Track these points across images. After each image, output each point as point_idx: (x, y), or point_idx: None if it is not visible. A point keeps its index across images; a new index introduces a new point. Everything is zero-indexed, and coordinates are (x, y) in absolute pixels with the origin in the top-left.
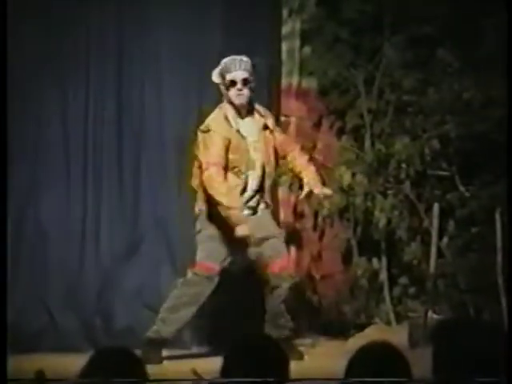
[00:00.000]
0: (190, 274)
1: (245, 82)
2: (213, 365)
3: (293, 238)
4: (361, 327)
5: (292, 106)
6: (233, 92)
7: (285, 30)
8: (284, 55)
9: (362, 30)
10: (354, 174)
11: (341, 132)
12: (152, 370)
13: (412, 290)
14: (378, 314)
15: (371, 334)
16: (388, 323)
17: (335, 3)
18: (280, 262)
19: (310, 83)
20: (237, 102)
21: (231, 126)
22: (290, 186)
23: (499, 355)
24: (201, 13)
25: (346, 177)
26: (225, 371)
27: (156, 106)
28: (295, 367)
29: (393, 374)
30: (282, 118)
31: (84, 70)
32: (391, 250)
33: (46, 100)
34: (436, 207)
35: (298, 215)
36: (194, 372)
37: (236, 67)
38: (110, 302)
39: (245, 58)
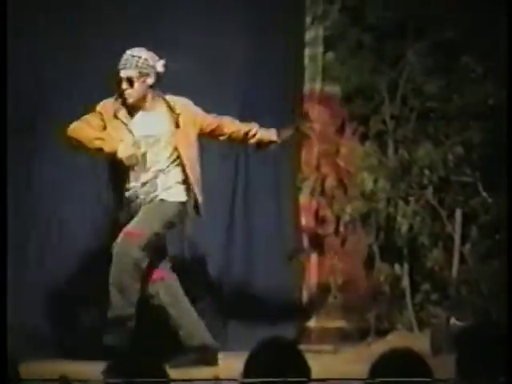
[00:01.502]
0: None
1: (129, 81)
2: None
3: (314, 243)
4: (383, 333)
5: (315, 112)
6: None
7: (308, 36)
8: (307, 61)
9: (385, 36)
10: (376, 180)
11: (364, 138)
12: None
13: (434, 297)
14: (400, 320)
15: (393, 340)
16: (410, 329)
17: (358, 10)
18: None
19: (333, 89)
20: (128, 100)
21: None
22: (312, 192)
23: None
24: (225, 16)
25: (368, 182)
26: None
27: None
28: (318, 372)
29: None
30: (305, 124)
31: None
32: (413, 256)
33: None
34: (459, 213)
35: (320, 220)
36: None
37: (121, 65)
38: None
39: (136, 53)
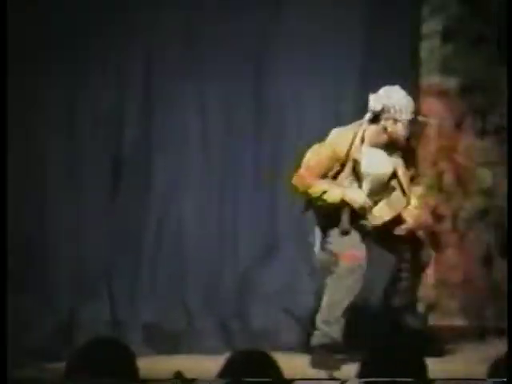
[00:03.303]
0: (339, 269)
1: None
2: None
3: (432, 240)
4: (502, 332)
5: (432, 106)
6: (399, 130)
7: (425, 28)
8: (424, 54)
9: (506, 27)
10: (495, 176)
11: (483, 132)
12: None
13: None
14: None
15: None
16: None
17: (478, 1)
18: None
19: (451, 82)
20: (402, 139)
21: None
22: (430, 188)
23: None
24: (341, 11)
25: (487, 178)
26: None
27: (294, 107)
28: (434, 369)
29: None
30: (421, 118)
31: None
32: None
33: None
34: None
35: (437, 217)
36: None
37: (408, 110)
38: (248, 304)
39: (410, 98)
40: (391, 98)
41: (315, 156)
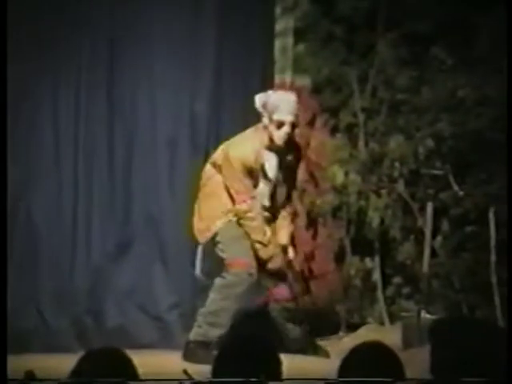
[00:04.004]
0: (228, 275)
1: (293, 126)
2: None
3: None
4: (354, 327)
5: None
6: (277, 132)
7: (278, 27)
8: (277, 53)
9: (355, 27)
10: (347, 173)
11: (334, 130)
12: None
13: (406, 290)
14: (371, 313)
15: (364, 334)
16: (381, 323)
17: (329, 0)
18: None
19: (304, 81)
20: (279, 142)
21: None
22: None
23: (494, 353)
24: (195, 10)
25: (339, 175)
26: (216, 372)
27: (148, 106)
28: (288, 367)
29: (386, 375)
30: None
31: (75, 69)
32: (385, 249)
33: (37, 98)
34: (430, 206)
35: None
36: (185, 372)
37: (287, 109)
38: (101, 302)
39: (293, 97)
40: (271, 96)
41: (233, 177)
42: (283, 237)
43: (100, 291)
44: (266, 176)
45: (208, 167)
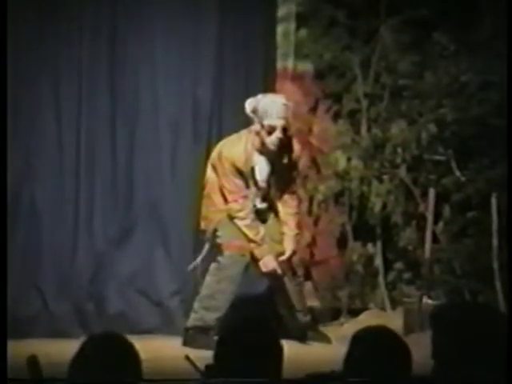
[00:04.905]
0: (223, 258)
1: (284, 130)
2: None
3: None
4: (355, 313)
5: (288, 90)
6: (269, 138)
7: (280, 12)
8: (279, 38)
9: (358, 12)
10: (349, 159)
11: (337, 116)
12: None
13: (407, 275)
14: (372, 299)
15: (366, 319)
16: (383, 309)
17: None
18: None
19: (306, 66)
20: (271, 147)
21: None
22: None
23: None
24: None
25: (341, 161)
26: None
27: (150, 92)
28: (289, 352)
29: (392, 359)
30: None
31: (77, 56)
32: (386, 234)
33: (39, 89)
34: (432, 192)
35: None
36: (187, 358)
37: (278, 114)
38: (103, 288)
39: (283, 101)
40: (260, 101)
41: (225, 177)
42: (291, 227)
43: (102, 277)
44: (254, 179)
45: (208, 168)
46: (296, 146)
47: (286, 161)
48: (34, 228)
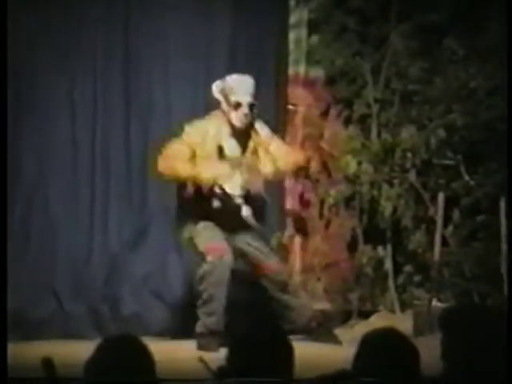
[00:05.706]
0: (204, 265)
1: (251, 106)
2: None
3: (299, 226)
4: (366, 315)
5: (299, 95)
6: (235, 114)
7: (292, 19)
8: (291, 44)
9: (369, 19)
10: (360, 163)
11: (348, 121)
12: None
13: (417, 278)
14: (382, 302)
15: (376, 321)
16: (392, 311)
17: None
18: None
19: (317, 72)
20: (237, 124)
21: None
22: (296, 175)
23: (504, 341)
24: (210, 3)
25: (352, 165)
26: (230, 360)
27: (163, 91)
28: (300, 354)
29: (401, 360)
30: (289, 107)
31: (91, 55)
32: (396, 238)
33: (54, 87)
34: (441, 196)
35: (304, 204)
36: (201, 360)
37: (243, 90)
38: (117, 289)
39: (250, 79)
40: (226, 81)
41: (173, 149)
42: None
43: (116, 279)
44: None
45: None
46: (263, 131)
47: (252, 145)
48: (48, 229)
